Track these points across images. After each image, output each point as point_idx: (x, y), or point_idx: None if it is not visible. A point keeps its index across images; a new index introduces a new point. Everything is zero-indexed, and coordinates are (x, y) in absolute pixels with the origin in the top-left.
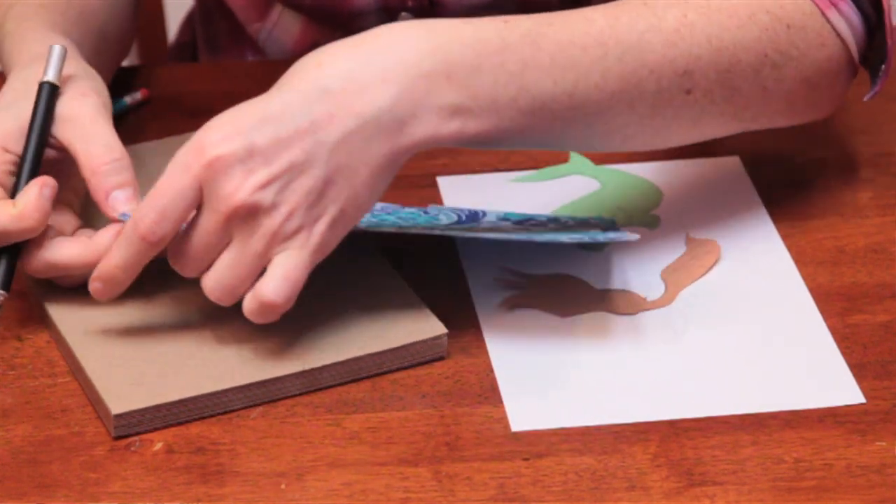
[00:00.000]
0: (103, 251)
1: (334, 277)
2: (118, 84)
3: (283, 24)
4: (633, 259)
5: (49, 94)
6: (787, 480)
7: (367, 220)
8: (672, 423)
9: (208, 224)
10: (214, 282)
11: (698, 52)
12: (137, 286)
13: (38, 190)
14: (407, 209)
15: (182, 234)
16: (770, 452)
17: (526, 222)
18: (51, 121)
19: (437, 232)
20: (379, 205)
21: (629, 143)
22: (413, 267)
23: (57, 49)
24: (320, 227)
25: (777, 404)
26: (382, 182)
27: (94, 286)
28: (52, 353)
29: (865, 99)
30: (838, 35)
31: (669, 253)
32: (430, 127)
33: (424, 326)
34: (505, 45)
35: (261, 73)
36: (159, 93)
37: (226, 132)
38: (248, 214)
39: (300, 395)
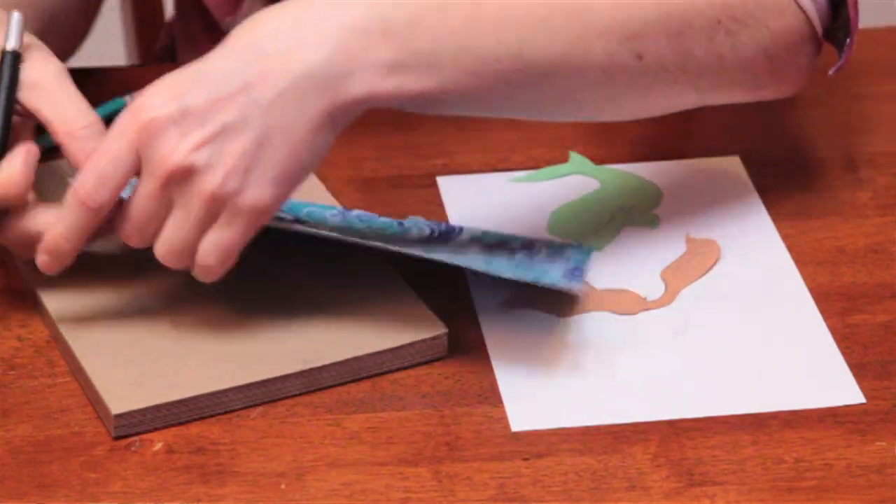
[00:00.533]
0: None
1: (334, 277)
2: (118, 84)
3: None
4: (633, 259)
5: (13, 62)
6: (787, 480)
7: (338, 222)
8: (672, 423)
9: (147, 189)
10: (164, 247)
11: (646, 16)
12: (138, 287)
13: (24, 157)
14: (382, 219)
15: (125, 204)
16: (770, 452)
17: (498, 246)
18: (16, 89)
19: (370, 243)
20: (355, 212)
21: (583, 111)
22: (413, 267)
23: (16, 16)
24: (259, 189)
25: (777, 404)
26: (322, 141)
27: (41, 259)
28: (52, 353)
29: (831, 72)
30: (799, 6)
31: (669, 253)
32: (366, 84)
33: (424, 326)
34: (445, 4)
35: None
36: None
37: (162, 97)
38: (183, 177)
39: (300, 395)
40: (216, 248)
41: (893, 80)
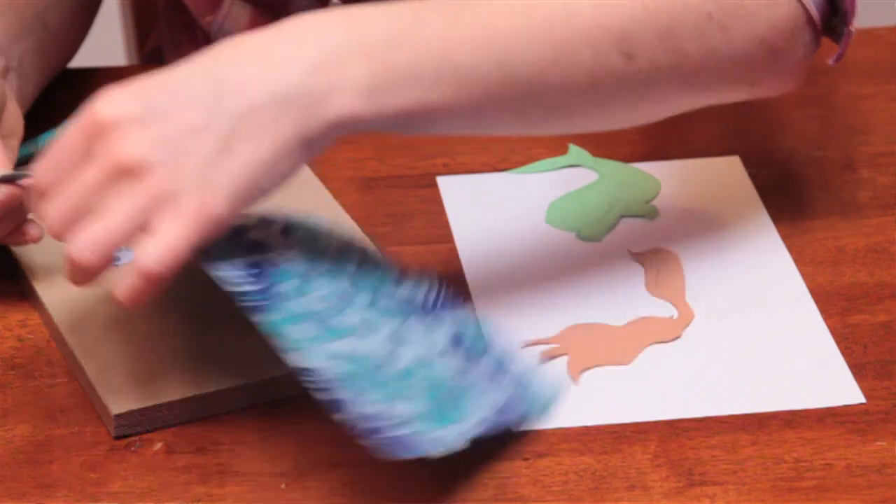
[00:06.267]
0: None
1: None
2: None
3: (234, 15)
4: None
5: None
6: (787, 480)
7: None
8: (672, 423)
9: (90, 177)
10: (85, 240)
11: (633, 14)
12: None
13: None
14: (384, 267)
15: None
16: (770, 452)
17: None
18: None
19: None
20: (366, 249)
21: (575, 122)
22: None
23: None
24: (210, 196)
25: (777, 404)
26: (285, 167)
27: None
28: (52, 353)
29: (831, 62)
30: None
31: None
32: (345, 106)
33: None
34: (423, 22)
35: None
36: None
37: (125, 95)
38: (133, 171)
39: (300, 395)
40: (156, 248)
41: (893, 80)
